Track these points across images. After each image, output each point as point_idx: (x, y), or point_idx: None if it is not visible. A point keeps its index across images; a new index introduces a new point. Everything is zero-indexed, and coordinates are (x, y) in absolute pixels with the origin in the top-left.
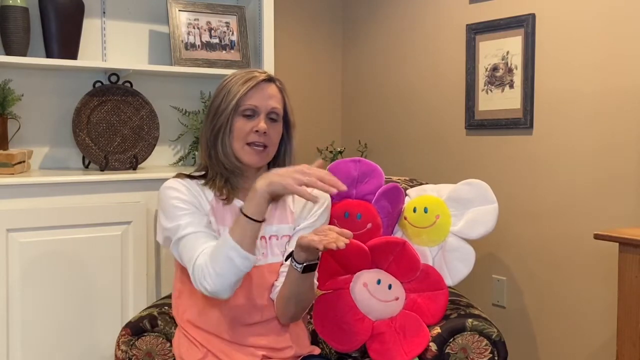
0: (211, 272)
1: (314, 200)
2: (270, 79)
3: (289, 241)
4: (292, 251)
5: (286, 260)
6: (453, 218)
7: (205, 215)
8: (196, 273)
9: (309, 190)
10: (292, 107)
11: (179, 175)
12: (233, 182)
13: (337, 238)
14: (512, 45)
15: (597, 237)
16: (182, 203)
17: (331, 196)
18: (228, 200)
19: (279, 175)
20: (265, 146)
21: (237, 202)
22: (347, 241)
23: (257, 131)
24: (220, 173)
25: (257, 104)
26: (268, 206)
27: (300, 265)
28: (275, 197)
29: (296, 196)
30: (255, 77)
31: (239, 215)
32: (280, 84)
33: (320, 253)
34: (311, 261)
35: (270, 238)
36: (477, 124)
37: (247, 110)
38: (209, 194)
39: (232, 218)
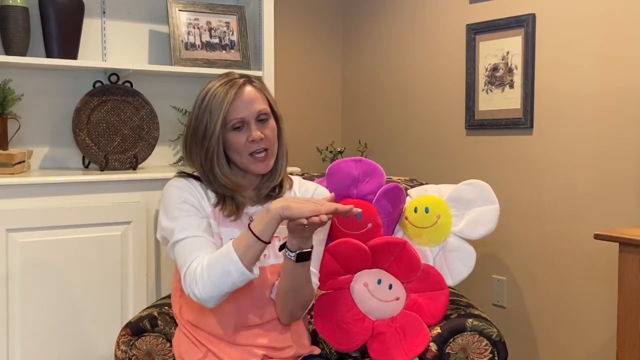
0: (205, 279)
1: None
2: (246, 82)
3: None
4: (285, 242)
5: (280, 250)
6: (454, 218)
7: (204, 217)
8: (188, 277)
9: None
10: (275, 100)
11: (182, 174)
12: (238, 200)
13: (321, 213)
14: (512, 45)
15: (597, 237)
16: (184, 203)
17: None
18: (237, 217)
19: (298, 203)
20: (266, 149)
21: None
22: (328, 217)
23: (253, 140)
24: (224, 194)
25: (242, 115)
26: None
27: (294, 254)
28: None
29: (298, 195)
30: (233, 84)
31: (247, 231)
32: (257, 83)
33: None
34: (304, 249)
35: (272, 239)
36: (477, 124)
37: (235, 124)
38: (211, 195)
39: (234, 220)
